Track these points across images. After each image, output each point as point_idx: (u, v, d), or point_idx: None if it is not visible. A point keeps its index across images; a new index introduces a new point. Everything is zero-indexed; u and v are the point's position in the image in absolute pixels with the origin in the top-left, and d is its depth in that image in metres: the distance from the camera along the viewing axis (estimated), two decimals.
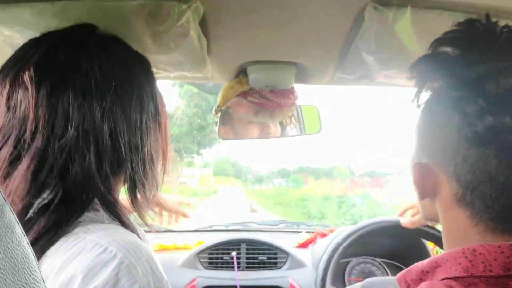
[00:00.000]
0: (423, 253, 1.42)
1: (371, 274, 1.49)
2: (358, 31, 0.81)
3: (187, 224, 1.79)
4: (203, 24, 0.80)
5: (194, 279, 1.41)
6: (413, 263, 0.58)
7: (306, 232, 1.76)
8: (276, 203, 19.53)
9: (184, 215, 1.20)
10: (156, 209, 0.75)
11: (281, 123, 1.15)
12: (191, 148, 17.04)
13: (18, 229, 0.32)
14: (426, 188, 0.57)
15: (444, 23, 0.73)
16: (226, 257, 1.50)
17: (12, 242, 0.31)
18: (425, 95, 0.58)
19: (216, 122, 1.13)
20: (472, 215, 0.52)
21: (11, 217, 0.32)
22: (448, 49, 0.55)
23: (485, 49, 0.51)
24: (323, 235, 1.69)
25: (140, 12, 0.73)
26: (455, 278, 0.50)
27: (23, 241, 0.32)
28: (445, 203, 0.56)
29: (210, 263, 1.50)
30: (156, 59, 0.88)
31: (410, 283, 0.57)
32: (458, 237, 0.55)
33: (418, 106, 0.59)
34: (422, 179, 0.57)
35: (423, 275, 0.56)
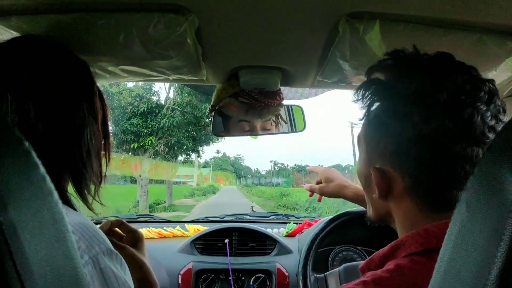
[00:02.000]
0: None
1: (351, 260, 1.60)
2: (334, 40, 0.90)
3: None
4: (198, 34, 0.88)
5: (190, 264, 1.52)
6: None
7: (294, 223, 1.87)
8: (280, 205, 19.06)
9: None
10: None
11: (268, 122, 1.25)
12: (185, 144, 16.25)
13: (55, 195, 0.44)
14: (384, 188, 0.65)
15: (409, 33, 0.85)
16: (219, 244, 1.61)
17: (51, 203, 0.43)
18: (372, 112, 0.67)
19: (210, 120, 1.23)
20: (418, 202, 0.63)
21: (51, 185, 0.44)
22: (380, 75, 0.67)
23: (411, 71, 0.63)
24: (310, 225, 1.80)
25: (144, 23, 0.82)
26: (414, 254, 0.60)
27: (59, 204, 0.44)
28: (398, 197, 0.65)
29: (204, 249, 1.61)
30: (157, 64, 0.98)
31: (373, 269, 0.65)
32: (412, 223, 0.64)
33: (369, 121, 0.68)
34: (381, 180, 0.65)
35: (385, 259, 0.65)
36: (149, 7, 0.81)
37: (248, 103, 1.17)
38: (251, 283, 1.50)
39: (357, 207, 1.48)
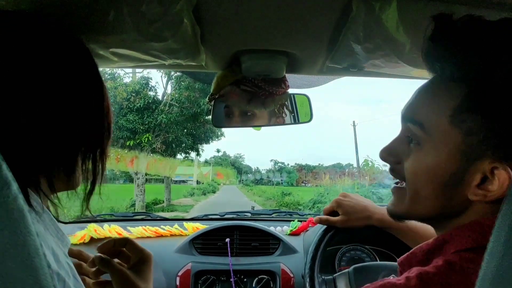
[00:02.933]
0: None
1: (360, 260, 1.53)
2: (346, 21, 0.83)
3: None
4: (196, 13, 0.82)
5: (189, 264, 1.45)
6: (399, 248, 0.61)
7: (299, 220, 1.80)
8: (282, 205, 18.98)
9: None
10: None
11: (273, 112, 1.18)
12: (184, 141, 15.89)
13: (15, 186, 0.35)
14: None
15: (429, 13, 0.78)
16: (220, 243, 1.54)
17: (9, 197, 0.34)
18: None
19: (210, 110, 1.16)
20: None
21: (7, 175, 0.35)
22: None
23: None
24: (315, 223, 1.73)
25: (139, 2, 0.76)
26: (466, 250, 0.54)
27: (19, 198, 0.35)
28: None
29: (204, 249, 1.55)
30: (151, 47, 0.91)
31: (415, 264, 0.60)
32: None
33: None
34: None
35: (430, 254, 0.59)
36: None
37: (251, 91, 1.10)
38: (253, 285, 1.44)
39: None
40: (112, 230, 1.62)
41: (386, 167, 0.76)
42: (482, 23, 0.61)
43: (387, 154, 0.71)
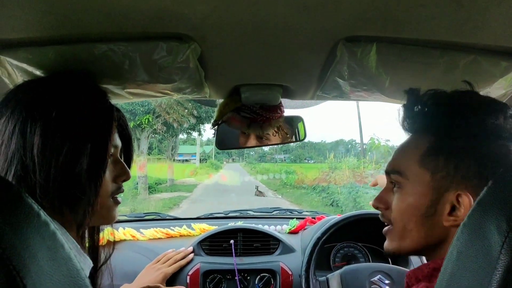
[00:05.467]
0: None
1: (353, 257, 1.67)
2: (332, 62, 0.92)
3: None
4: (201, 59, 0.91)
5: (198, 264, 1.58)
6: None
7: (297, 218, 1.92)
8: (286, 183, 18.74)
9: None
10: None
11: (270, 133, 1.28)
12: (185, 122, 15.47)
13: (67, 247, 0.47)
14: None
15: (406, 55, 0.88)
16: (225, 245, 1.66)
17: (63, 257, 0.46)
18: None
19: (214, 134, 1.27)
20: None
21: (62, 239, 0.47)
22: None
23: None
24: (312, 222, 1.86)
25: (147, 51, 0.85)
26: None
27: (72, 258, 0.48)
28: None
29: (211, 250, 1.67)
30: (161, 87, 1.02)
31: (421, 278, 0.72)
32: None
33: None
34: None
35: (435, 272, 0.70)
36: (153, 35, 0.83)
37: (250, 117, 1.20)
38: (256, 283, 1.56)
39: (360, 210, 1.58)
40: (126, 233, 1.76)
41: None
42: (440, 93, 0.77)
43: (378, 202, 0.86)
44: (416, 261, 1.55)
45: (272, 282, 1.56)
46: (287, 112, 1.29)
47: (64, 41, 0.84)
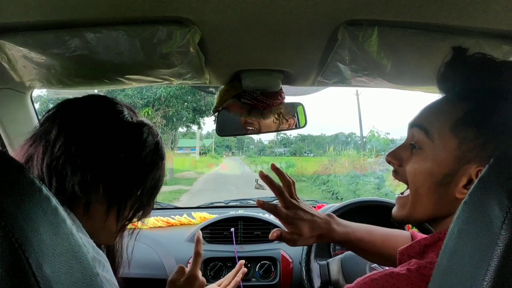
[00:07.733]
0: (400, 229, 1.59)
1: None
2: (333, 46, 0.91)
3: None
4: (201, 43, 0.90)
5: None
6: None
7: None
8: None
9: None
10: None
11: (271, 120, 1.28)
12: (184, 115, 15.36)
13: (69, 222, 0.48)
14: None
15: (408, 39, 0.87)
16: (225, 233, 1.67)
17: (65, 232, 0.47)
18: None
19: (214, 121, 1.26)
20: None
21: (64, 214, 0.48)
22: None
23: None
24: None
25: (147, 35, 0.85)
26: None
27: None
28: None
29: (212, 238, 1.68)
30: (161, 73, 1.02)
31: (413, 255, 0.70)
32: None
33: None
34: None
35: (426, 248, 0.69)
36: (153, 19, 0.83)
37: (251, 103, 1.20)
38: (256, 270, 1.57)
39: (361, 198, 1.57)
40: None
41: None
42: (490, 60, 0.72)
43: (392, 157, 0.82)
44: None
45: (273, 270, 1.57)
46: (288, 99, 1.29)
47: (63, 25, 0.84)
